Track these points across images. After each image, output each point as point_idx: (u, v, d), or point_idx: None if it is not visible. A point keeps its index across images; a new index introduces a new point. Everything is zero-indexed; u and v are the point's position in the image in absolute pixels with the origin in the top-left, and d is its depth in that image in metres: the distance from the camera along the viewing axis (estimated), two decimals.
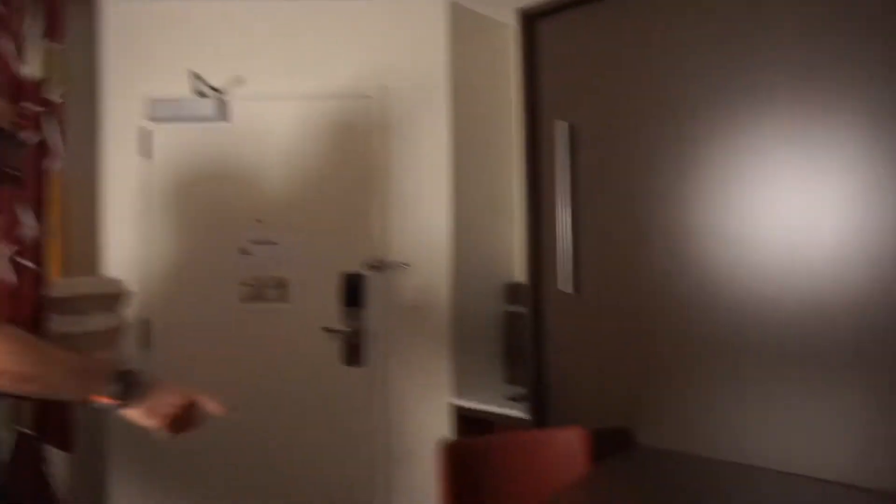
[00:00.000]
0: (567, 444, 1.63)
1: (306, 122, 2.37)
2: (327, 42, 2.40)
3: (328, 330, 2.37)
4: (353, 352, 2.36)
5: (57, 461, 1.95)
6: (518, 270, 2.53)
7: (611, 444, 1.74)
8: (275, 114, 2.38)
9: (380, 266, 2.35)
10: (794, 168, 1.44)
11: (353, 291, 2.36)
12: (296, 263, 2.37)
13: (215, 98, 2.32)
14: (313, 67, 2.40)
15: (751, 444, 1.50)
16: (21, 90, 1.87)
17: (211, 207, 2.39)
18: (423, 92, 2.37)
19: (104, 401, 1.00)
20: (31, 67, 1.89)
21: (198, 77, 2.31)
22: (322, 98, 2.37)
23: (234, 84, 2.35)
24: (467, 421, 2.33)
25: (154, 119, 2.37)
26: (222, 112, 2.34)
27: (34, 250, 1.88)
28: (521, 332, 2.01)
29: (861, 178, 1.36)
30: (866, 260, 1.35)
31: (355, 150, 2.39)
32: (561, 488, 1.37)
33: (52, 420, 1.93)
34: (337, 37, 2.41)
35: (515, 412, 2.10)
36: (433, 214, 2.37)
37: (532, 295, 1.88)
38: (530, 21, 1.89)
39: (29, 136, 1.86)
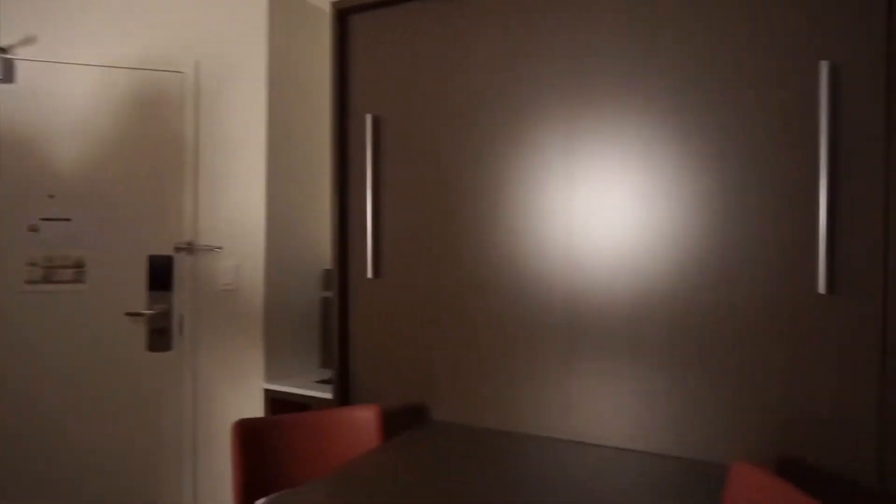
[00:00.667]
0: (361, 422, 1.73)
1: (110, 92, 2.22)
2: (137, 10, 2.26)
3: (132, 314, 2.25)
4: (159, 337, 2.28)
5: None
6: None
7: (407, 421, 1.87)
8: (72, 80, 2.20)
9: (189, 248, 2.28)
10: (599, 164, 1.65)
11: (159, 274, 2.27)
12: (94, 243, 2.22)
13: None
14: (120, 35, 2.25)
15: (546, 419, 1.70)
16: None
17: None
18: (240, 72, 2.33)
19: None
20: None
21: None
22: (127, 68, 2.23)
23: (23, 43, 2.13)
24: (280, 405, 2.35)
25: None
26: (7, 72, 2.11)
27: None
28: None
29: (667, 181, 1.59)
30: (671, 252, 1.58)
31: (164, 127, 2.28)
32: (348, 462, 1.45)
33: None
34: (148, 6, 2.28)
35: (325, 394, 2.16)
36: (248, 197, 2.35)
37: (338, 280, 1.95)
38: (343, 15, 1.95)
39: None
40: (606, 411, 1.61)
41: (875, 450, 1.34)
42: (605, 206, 1.60)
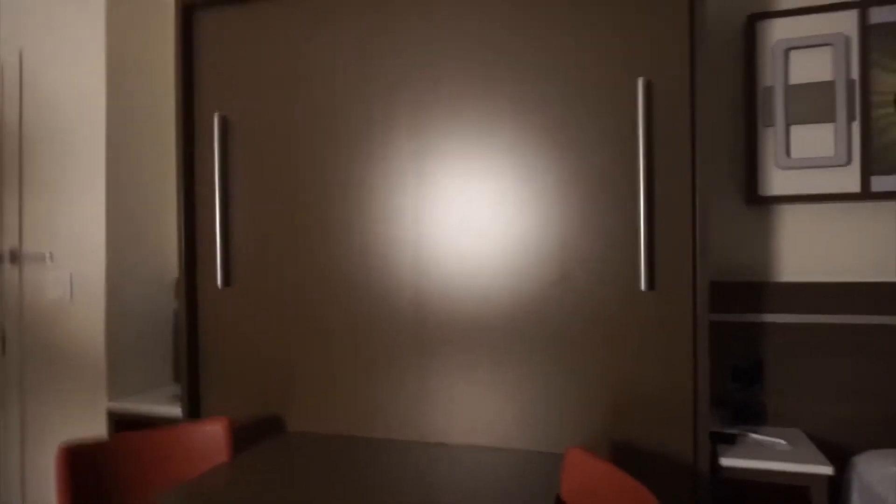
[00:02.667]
0: (209, 437, 1.64)
1: None
2: None
3: None
4: None
5: None
6: None
7: (260, 433, 1.81)
8: None
9: (14, 256, 2.06)
10: (447, 166, 1.68)
11: None
12: None
13: None
14: None
15: (400, 422, 1.70)
16: None
17: None
18: (74, 63, 2.15)
19: None
20: None
21: None
22: None
23: None
24: (127, 425, 2.18)
25: None
26: None
27: None
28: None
29: (509, 184, 1.64)
30: (512, 252, 1.64)
31: None
32: (189, 481, 1.38)
33: None
34: None
35: (175, 410, 2.04)
36: (85, 201, 2.16)
37: (185, 289, 1.85)
38: (189, 10, 1.86)
39: None
40: (458, 410, 1.65)
41: (691, 429, 1.48)
42: (451, 207, 1.65)
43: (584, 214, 1.55)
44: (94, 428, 2.16)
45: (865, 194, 1.78)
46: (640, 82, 1.47)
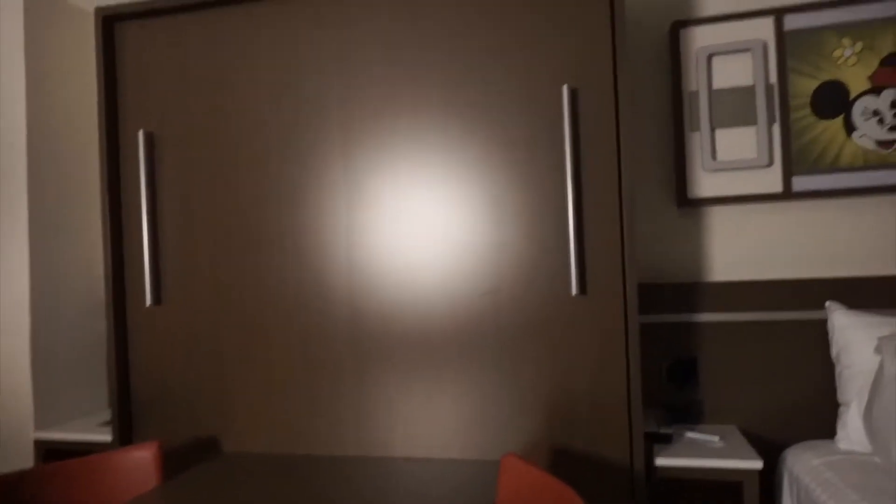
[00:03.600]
0: (137, 463, 1.58)
1: None
2: None
3: None
4: None
5: None
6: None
7: (195, 456, 1.75)
8: None
9: None
10: (378, 178, 1.66)
11: None
12: None
13: None
14: None
15: (338, 437, 1.67)
16: None
17: None
18: None
19: None
20: None
21: None
22: None
23: None
24: (57, 454, 2.08)
25: None
26: None
27: None
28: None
29: (443, 194, 1.63)
30: (448, 261, 1.62)
31: None
32: None
33: None
34: None
35: (107, 437, 1.96)
36: (6, 222, 2.06)
37: (112, 309, 1.78)
38: (109, 22, 1.80)
39: None
40: (397, 423, 1.63)
41: (626, 430, 1.49)
42: (384, 218, 1.64)
43: (517, 222, 1.56)
44: (23, 460, 2.05)
45: (787, 194, 1.84)
46: (565, 90, 1.49)
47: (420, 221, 1.61)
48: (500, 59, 1.57)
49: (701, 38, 1.91)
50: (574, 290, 1.49)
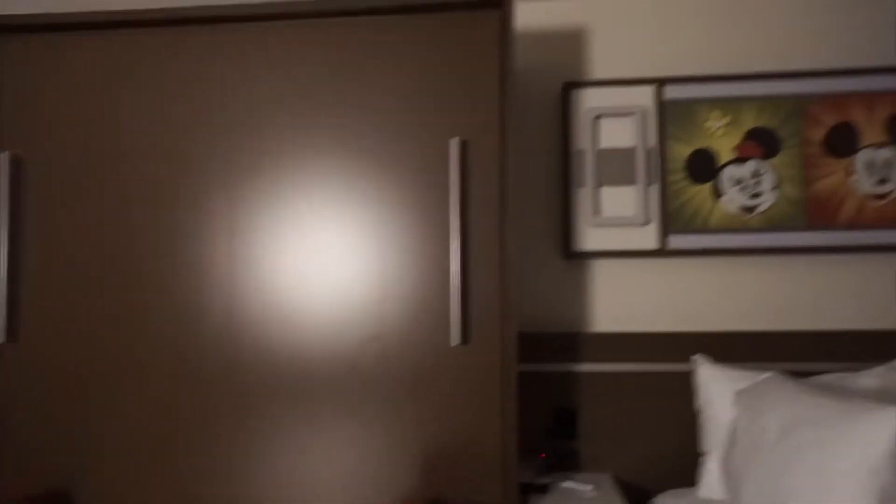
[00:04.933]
0: None
1: None
2: None
3: None
4: None
5: None
6: None
7: None
8: None
9: None
10: (262, 219, 1.61)
11: None
12: None
13: None
14: None
15: (218, 494, 1.57)
16: None
17: None
18: None
19: None
20: None
21: None
22: None
23: None
24: None
25: None
26: None
27: None
28: None
29: (329, 239, 1.59)
30: (342, 310, 1.58)
31: None
32: None
33: None
34: None
35: None
36: None
37: None
38: None
39: None
40: (277, 474, 1.56)
41: (500, 481, 1.50)
42: (266, 261, 1.59)
43: (402, 271, 1.56)
44: None
45: (663, 251, 1.96)
46: (454, 143, 1.52)
47: (304, 267, 1.58)
48: (392, 106, 1.59)
49: (589, 100, 2.03)
50: (455, 340, 1.50)
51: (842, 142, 1.95)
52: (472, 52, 1.60)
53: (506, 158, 1.54)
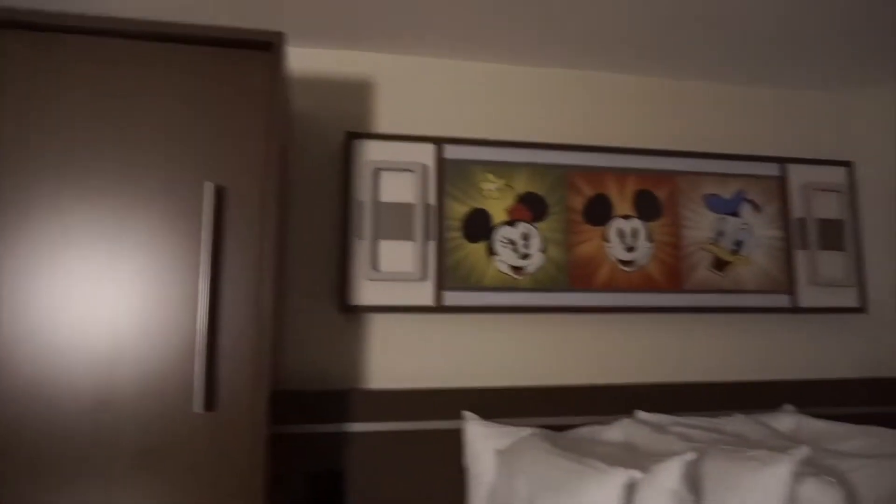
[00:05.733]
0: None
1: None
2: None
3: None
4: None
5: None
6: None
7: None
8: None
9: None
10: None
11: None
12: None
13: None
14: None
15: None
16: None
17: None
18: None
19: None
20: None
21: None
22: None
23: None
24: None
25: None
26: None
27: None
28: None
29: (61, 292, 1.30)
30: (64, 373, 1.28)
31: None
32: None
33: None
34: None
35: None
36: None
37: None
38: None
39: None
40: None
41: None
42: None
43: (141, 326, 1.35)
44: None
45: (438, 307, 1.97)
46: (208, 186, 1.38)
47: (13, 317, 1.31)
48: (150, 152, 1.41)
49: (372, 153, 2.01)
50: (199, 406, 1.33)
51: (598, 211, 2.15)
52: (241, 93, 1.49)
53: (268, 207, 1.44)
